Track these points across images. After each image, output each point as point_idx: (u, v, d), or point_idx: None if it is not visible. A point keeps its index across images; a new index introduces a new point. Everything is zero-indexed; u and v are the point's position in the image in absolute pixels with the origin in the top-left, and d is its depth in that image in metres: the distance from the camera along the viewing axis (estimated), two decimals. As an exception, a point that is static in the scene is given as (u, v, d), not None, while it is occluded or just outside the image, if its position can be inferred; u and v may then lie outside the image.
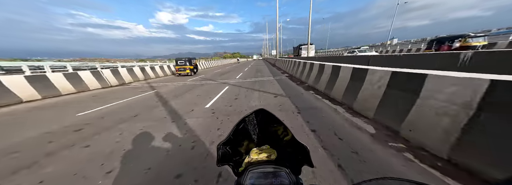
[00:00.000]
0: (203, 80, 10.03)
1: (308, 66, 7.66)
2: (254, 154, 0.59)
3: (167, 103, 4.99)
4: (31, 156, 2.43)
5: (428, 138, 2.07)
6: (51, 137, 3.03)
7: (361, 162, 1.95)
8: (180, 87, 8.07)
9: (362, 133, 2.61)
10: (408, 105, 2.39)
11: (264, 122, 0.65)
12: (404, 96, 2.51)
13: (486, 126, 1.60)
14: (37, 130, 3.34)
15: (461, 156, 1.76)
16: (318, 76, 6.09)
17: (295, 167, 0.55)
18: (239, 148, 0.65)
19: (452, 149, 1.82)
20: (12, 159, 2.36)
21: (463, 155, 1.75)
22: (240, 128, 0.62)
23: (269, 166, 0.53)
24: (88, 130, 3.27)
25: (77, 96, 7.00)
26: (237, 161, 0.62)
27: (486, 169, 1.58)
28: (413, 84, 2.38)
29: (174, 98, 5.68)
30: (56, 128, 3.44)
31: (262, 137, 0.66)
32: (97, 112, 4.42)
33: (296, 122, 3.17)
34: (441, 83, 2.04)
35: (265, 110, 0.61)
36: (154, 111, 4.25)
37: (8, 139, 3.02)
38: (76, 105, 5.35)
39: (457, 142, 1.77)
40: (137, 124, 3.41)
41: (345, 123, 3.01)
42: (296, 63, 10.33)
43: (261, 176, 0.50)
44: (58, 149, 2.58)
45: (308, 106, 4.11)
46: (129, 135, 2.95)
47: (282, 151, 0.61)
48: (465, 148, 1.73)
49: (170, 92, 6.72)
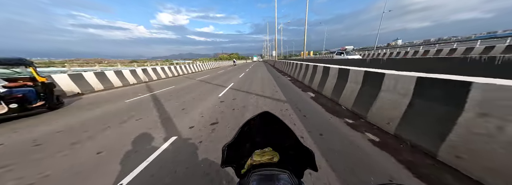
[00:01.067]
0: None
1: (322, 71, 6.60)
2: (257, 156, 0.60)
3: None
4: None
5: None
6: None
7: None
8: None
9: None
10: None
11: (268, 125, 0.63)
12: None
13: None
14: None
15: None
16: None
17: (297, 170, 0.55)
18: (242, 150, 0.65)
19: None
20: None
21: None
22: (244, 131, 0.61)
23: (271, 168, 0.53)
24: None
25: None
26: (240, 163, 0.63)
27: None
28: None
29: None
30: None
31: (265, 140, 0.66)
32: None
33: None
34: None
35: (270, 113, 0.60)
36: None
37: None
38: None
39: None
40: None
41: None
42: (302, 66, 9.30)
43: (263, 178, 0.50)
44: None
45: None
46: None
47: (285, 154, 0.62)
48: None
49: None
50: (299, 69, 9.48)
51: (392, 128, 2.54)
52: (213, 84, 8.93)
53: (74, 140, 2.83)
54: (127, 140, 2.74)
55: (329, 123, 3.17)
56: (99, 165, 2.11)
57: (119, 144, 2.60)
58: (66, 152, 2.44)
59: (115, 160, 2.19)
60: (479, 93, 1.61)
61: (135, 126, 3.35)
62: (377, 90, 2.99)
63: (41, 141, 2.82)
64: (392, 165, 1.89)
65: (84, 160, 2.23)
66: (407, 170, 1.79)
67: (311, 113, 3.73)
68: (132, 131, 3.07)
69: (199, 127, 3.16)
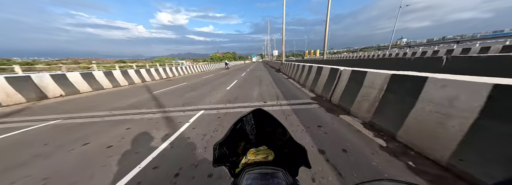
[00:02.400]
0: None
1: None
2: (251, 154, 0.59)
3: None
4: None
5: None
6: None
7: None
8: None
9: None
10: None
11: (261, 122, 0.63)
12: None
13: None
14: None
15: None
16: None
17: (292, 168, 0.54)
18: (236, 148, 0.64)
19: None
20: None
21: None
22: (237, 128, 0.59)
23: (266, 167, 0.52)
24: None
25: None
26: (234, 162, 0.61)
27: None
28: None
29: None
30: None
31: (259, 138, 0.65)
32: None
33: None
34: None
35: (263, 110, 0.60)
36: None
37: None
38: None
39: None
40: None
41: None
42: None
43: (257, 177, 0.49)
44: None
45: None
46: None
47: (280, 152, 0.61)
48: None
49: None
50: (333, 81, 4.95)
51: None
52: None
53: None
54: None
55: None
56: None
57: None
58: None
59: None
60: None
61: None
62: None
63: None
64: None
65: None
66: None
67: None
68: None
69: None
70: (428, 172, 1.74)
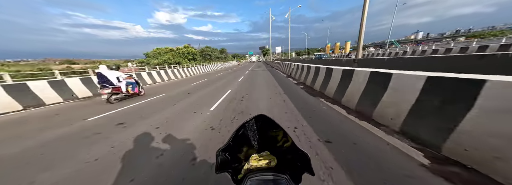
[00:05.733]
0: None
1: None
2: (254, 160, 0.58)
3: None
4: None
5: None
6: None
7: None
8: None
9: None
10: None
11: (264, 128, 0.64)
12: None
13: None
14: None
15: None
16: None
17: (295, 175, 0.54)
18: (238, 154, 0.64)
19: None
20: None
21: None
22: (239, 134, 0.61)
23: (268, 173, 0.52)
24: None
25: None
26: (236, 168, 0.61)
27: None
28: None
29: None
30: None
31: (262, 143, 0.65)
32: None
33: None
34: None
35: (266, 116, 0.60)
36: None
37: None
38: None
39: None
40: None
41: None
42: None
43: (260, 183, 0.49)
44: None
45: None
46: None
47: (282, 158, 0.60)
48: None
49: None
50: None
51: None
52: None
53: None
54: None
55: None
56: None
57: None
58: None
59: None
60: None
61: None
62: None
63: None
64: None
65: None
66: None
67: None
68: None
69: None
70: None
